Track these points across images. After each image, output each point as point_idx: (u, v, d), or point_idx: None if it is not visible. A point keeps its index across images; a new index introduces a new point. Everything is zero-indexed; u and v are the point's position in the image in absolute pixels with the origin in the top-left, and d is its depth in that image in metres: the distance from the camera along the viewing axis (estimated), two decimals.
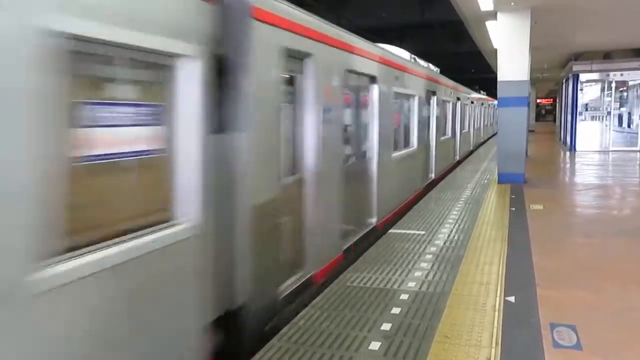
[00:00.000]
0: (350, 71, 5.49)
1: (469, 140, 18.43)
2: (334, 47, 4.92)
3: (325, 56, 4.68)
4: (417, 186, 9.23)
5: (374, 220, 6.58)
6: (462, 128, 15.90)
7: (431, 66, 12.38)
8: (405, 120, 8.74)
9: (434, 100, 10.72)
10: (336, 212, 5.12)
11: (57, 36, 1.98)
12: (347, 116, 5.76)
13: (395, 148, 7.72)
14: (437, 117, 10.99)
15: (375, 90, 6.49)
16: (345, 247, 5.42)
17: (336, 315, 3.65)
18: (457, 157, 15.10)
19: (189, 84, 2.85)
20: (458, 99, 14.90)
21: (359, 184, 6.18)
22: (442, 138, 12.14)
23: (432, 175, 10.90)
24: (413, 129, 9.02)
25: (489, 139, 25.95)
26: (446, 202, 7.98)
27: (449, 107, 13.33)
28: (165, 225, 2.72)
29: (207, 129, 2.98)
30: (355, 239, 5.83)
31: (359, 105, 6.33)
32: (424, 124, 9.72)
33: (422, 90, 9.49)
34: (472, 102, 18.66)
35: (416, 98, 8.98)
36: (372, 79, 6.39)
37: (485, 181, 10.37)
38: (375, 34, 12.61)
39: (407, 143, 8.79)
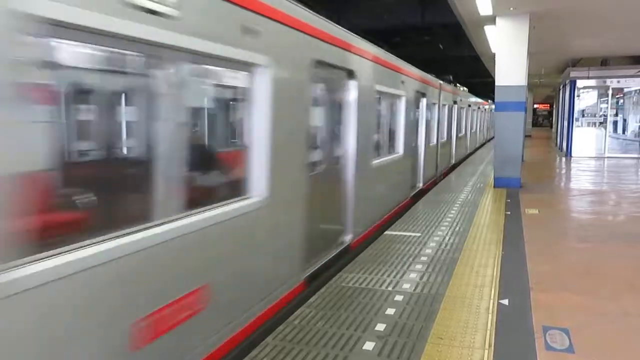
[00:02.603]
0: (321, 62, 4.64)
1: (465, 145, 18.18)
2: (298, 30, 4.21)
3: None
4: (399, 198, 8.36)
5: (347, 238, 5.69)
6: (458, 132, 15.65)
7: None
8: (391, 123, 8.10)
9: (423, 102, 10.18)
10: (295, 231, 4.28)
11: None
12: (314, 117, 4.82)
13: (378, 154, 7.05)
14: (427, 120, 10.46)
15: (352, 86, 5.71)
16: (304, 275, 4.48)
17: (331, 315, 3.67)
18: (453, 161, 14.79)
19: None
20: (454, 102, 14.50)
21: (329, 195, 5.30)
22: (432, 144, 11.54)
23: (420, 185, 10.19)
24: (399, 133, 8.35)
25: (485, 143, 25.82)
26: (442, 205, 8.01)
27: (444, 110, 12.75)
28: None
29: None
30: (320, 265, 4.84)
31: (331, 104, 5.44)
32: (412, 127, 9.12)
33: (411, 90, 8.85)
34: (469, 106, 18.46)
35: (403, 99, 8.30)
36: (350, 74, 5.62)
37: (481, 185, 10.42)
38: (375, 36, 12.64)
39: (392, 148, 8.16)
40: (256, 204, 3.59)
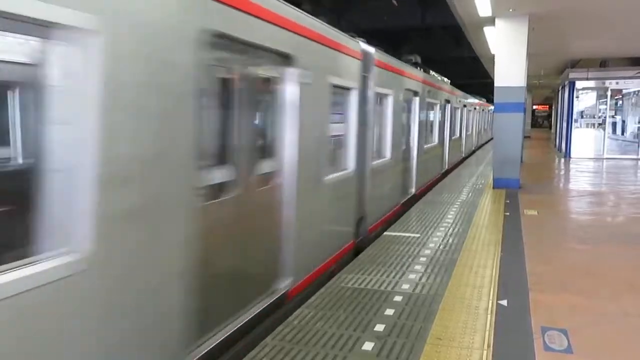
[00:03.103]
0: (224, 36, 3.13)
1: (461, 148, 17.42)
2: None
3: None
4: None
5: (286, 284, 4.13)
6: (452, 134, 14.61)
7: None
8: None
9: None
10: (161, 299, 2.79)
11: None
12: (212, 118, 3.31)
13: (334, 167, 5.46)
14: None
15: (290, 76, 4.12)
16: None
17: (330, 315, 3.67)
18: (446, 167, 13.77)
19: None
20: (447, 101, 13.56)
21: (246, 229, 3.63)
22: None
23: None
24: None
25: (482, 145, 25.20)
26: (441, 206, 8.02)
27: (438, 110, 11.99)
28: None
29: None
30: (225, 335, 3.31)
31: (253, 98, 3.78)
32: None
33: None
34: (464, 106, 17.86)
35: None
36: (286, 59, 4.03)
37: (480, 186, 10.43)
38: (376, 37, 12.65)
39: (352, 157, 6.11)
40: (62, 268, 2.05)
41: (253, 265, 3.79)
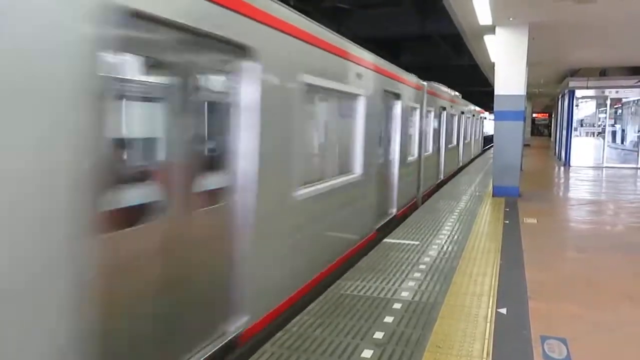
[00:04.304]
0: (141, 16, 2.41)
1: (457, 158, 16.58)
2: None
3: None
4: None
5: (232, 329, 3.35)
6: (448, 142, 13.81)
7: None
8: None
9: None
10: None
11: None
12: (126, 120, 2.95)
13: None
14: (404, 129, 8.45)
15: (249, 72, 3.41)
16: None
17: (329, 322, 3.67)
18: (442, 177, 13.12)
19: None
20: (443, 108, 12.84)
21: (173, 264, 2.82)
22: (411, 159, 9.36)
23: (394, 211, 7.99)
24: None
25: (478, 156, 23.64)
26: (440, 214, 8.02)
27: (430, 117, 11.07)
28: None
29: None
30: None
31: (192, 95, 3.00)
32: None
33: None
34: (462, 113, 17.21)
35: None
36: (241, 50, 3.31)
37: (480, 194, 10.44)
38: (375, 45, 12.70)
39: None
40: None
41: (188, 307, 2.93)
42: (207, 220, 3.14)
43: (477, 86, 25.04)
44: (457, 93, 16.07)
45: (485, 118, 30.12)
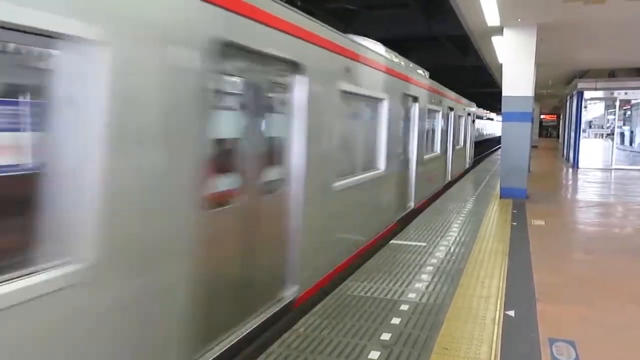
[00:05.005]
0: None
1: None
2: None
3: None
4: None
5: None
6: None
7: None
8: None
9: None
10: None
11: None
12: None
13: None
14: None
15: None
16: None
17: (336, 323, 3.66)
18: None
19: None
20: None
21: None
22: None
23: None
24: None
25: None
26: (448, 215, 8.00)
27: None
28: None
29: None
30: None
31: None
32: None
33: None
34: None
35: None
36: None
37: (487, 195, 10.39)
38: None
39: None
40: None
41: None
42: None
43: (483, 87, 24.98)
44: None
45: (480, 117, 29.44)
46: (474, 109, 19.26)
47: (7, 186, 2.31)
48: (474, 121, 18.30)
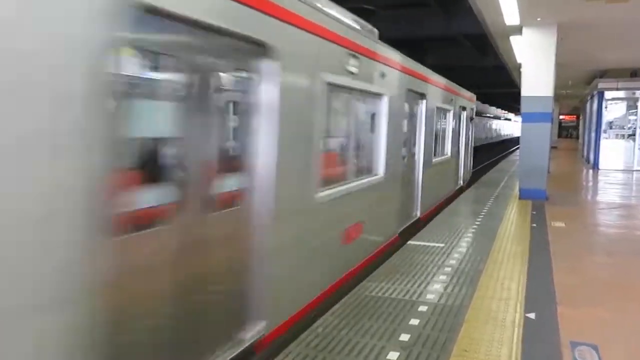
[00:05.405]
0: None
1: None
2: None
3: None
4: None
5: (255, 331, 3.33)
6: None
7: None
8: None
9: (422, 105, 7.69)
10: None
11: None
12: None
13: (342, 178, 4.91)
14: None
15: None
16: None
17: (354, 323, 3.66)
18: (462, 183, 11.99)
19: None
20: (463, 108, 11.78)
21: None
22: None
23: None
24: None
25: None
26: (466, 216, 7.93)
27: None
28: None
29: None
30: None
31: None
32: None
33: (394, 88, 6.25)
34: (463, 109, 12.86)
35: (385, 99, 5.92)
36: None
37: (506, 196, 10.28)
38: (399, 45, 12.63)
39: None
40: None
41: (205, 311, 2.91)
42: (224, 222, 3.24)
43: (501, 88, 24.72)
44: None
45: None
46: (470, 103, 13.66)
47: None
48: (472, 119, 13.71)
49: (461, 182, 12.38)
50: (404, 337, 3.44)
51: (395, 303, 4.09)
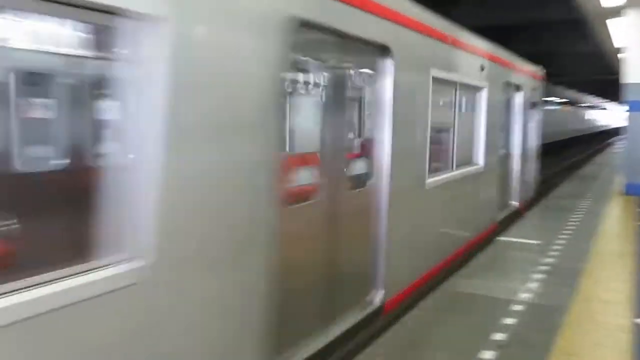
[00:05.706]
0: None
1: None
2: None
3: None
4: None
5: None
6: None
7: None
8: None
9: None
10: None
11: None
12: None
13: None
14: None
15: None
16: None
17: (446, 319, 3.58)
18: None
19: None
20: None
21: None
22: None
23: None
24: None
25: None
26: (563, 212, 7.44)
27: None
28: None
29: None
30: None
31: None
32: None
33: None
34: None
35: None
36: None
37: (607, 192, 9.52)
38: (484, 33, 12.13)
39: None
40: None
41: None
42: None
43: (595, 74, 22.94)
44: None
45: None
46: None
47: None
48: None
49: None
50: (499, 336, 3.31)
51: (487, 300, 3.94)
